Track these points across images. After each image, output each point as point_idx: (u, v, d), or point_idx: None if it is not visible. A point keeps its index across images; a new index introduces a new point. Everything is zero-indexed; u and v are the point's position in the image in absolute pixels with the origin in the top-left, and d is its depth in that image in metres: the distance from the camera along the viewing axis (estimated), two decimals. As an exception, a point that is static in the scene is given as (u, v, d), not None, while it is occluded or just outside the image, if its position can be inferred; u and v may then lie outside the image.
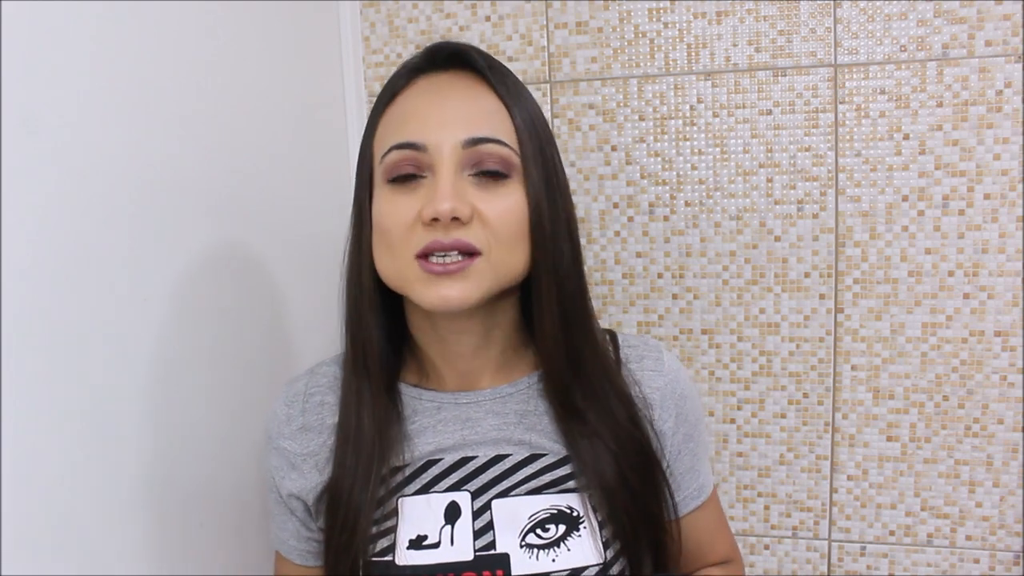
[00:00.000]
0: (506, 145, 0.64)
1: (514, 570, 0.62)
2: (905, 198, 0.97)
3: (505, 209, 0.63)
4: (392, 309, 0.70)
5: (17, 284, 0.56)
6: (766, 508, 1.06)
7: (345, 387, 0.70)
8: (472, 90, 0.66)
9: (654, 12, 1.01)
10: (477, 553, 0.63)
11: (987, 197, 0.94)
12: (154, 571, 0.71)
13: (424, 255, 0.62)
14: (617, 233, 1.05)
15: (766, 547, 1.06)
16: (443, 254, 0.62)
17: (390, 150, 0.64)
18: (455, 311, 0.63)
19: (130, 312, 0.68)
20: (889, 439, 1.01)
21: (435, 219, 0.61)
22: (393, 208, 0.64)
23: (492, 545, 0.63)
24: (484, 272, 0.63)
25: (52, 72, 0.59)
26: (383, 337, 0.69)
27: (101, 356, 0.64)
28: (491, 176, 0.64)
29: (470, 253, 0.62)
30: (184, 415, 0.75)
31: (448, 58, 0.68)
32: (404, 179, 0.64)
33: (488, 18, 1.06)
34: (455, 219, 0.61)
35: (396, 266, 0.64)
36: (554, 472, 0.67)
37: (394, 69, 1.07)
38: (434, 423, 0.69)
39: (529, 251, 0.65)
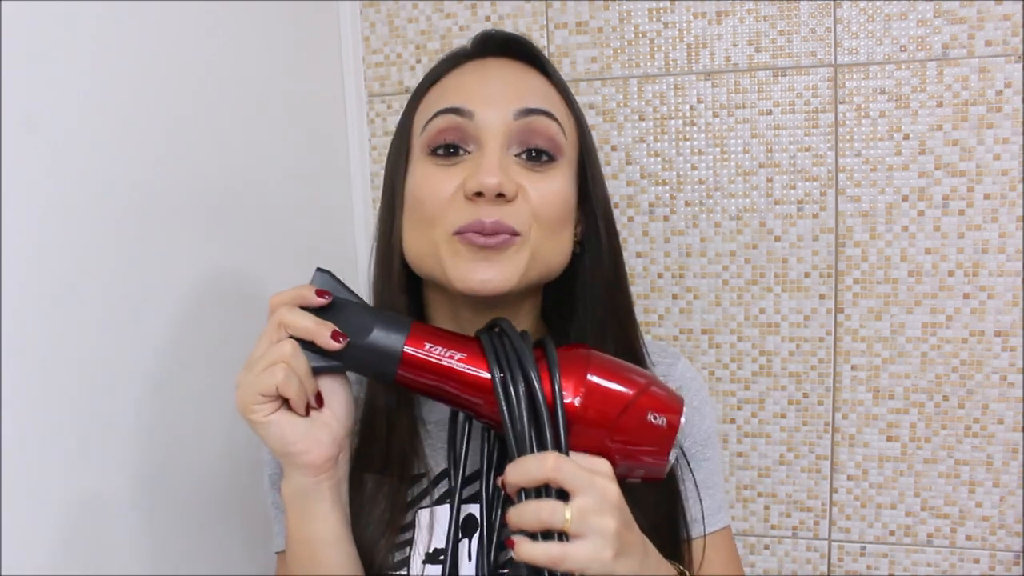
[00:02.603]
0: (556, 120, 0.62)
1: None
2: (905, 198, 0.97)
3: (551, 191, 0.61)
4: (416, 298, 0.68)
5: (17, 283, 0.56)
6: (766, 508, 1.06)
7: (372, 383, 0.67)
8: (523, 71, 0.65)
9: (654, 12, 1.01)
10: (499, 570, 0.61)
11: (987, 197, 0.94)
12: (153, 571, 0.71)
13: (462, 232, 0.59)
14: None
15: (766, 547, 1.06)
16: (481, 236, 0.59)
17: (434, 116, 0.62)
18: (492, 295, 0.60)
19: (130, 311, 0.68)
20: (889, 439, 1.01)
21: (479, 193, 0.58)
22: (431, 180, 0.61)
23: (510, 561, 0.60)
24: (523, 254, 0.60)
25: (52, 72, 0.59)
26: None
27: (100, 356, 0.64)
28: (538, 157, 0.62)
29: (510, 233, 0.59)
30: (184, 416, 0.75)
31: (499, 46, 0.67)
32: (447, 153, 0.61)
33: (488, 18, 1.06)
34: (500, 195, 0.58)
35: (429, 242, 0.61)
36: None
37: (394, 69, 1.09)
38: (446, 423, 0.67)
39: (571, 242, 0.64)
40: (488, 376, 0.54)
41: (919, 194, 0.96)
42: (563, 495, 0.50)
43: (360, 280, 1.10)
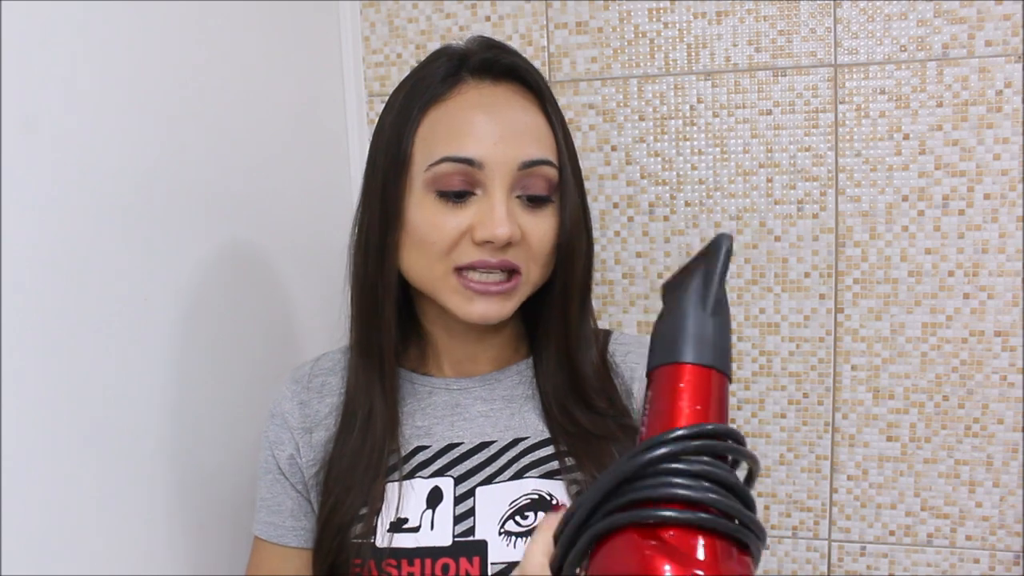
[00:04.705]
0: (554, 165, 0.67)
1: (491, 557, 0.64)
2: (905, 198, 0.97)
3: (545, 232, 0.66)
4: (403, 293, 0.71)
5: (17, 283, 0.56)
6: (766, 508, 1.06)
7: (355, 370, 0.71)
8: (525, 109, 0.67)
9: (654, 12, 1.01)
10: (456, 539, 0.64)
11: (987, 197, 0.94)
12: (154, 572, 0.71)
13: (463, 269, 0.64)
14: (617, 233, 1.05)
15: (766, 547, 1.06)
16: (486, 271, 0.64)
17: (442, 160, 0.64)
18: (493, 323, 0.66)
19: (131, 311, 0.68)
20: (889, 439, 1.01)
21: (488, 242, 0.63)
22: (439, 221, 0.64)
23: (471, 531, 0.65)
24: (523, 290, 0.66)
25: (52, 72, 0.59)
26: (397, 327, 0.70)
27: (101, 355, 0.64)
28: (536, 201, 0.66)
29: (512, 271, 0.65)
30: (187, 413, 0.75)
31: (504, 73, 0.68)
32: (455, 196, 0.64)
33: (488, 18, 1.06)
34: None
35: (431, 272, 0.66)
36: (536, 453, 0.68)
37: (394, 69, 1.09)
38: (423, 407, 0.71)
39: (554, 265, 0.68)
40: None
41: (919, 194, 0.96)
42: None
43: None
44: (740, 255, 1.02)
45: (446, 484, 0.67)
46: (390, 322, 0.68)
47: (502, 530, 0.64)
